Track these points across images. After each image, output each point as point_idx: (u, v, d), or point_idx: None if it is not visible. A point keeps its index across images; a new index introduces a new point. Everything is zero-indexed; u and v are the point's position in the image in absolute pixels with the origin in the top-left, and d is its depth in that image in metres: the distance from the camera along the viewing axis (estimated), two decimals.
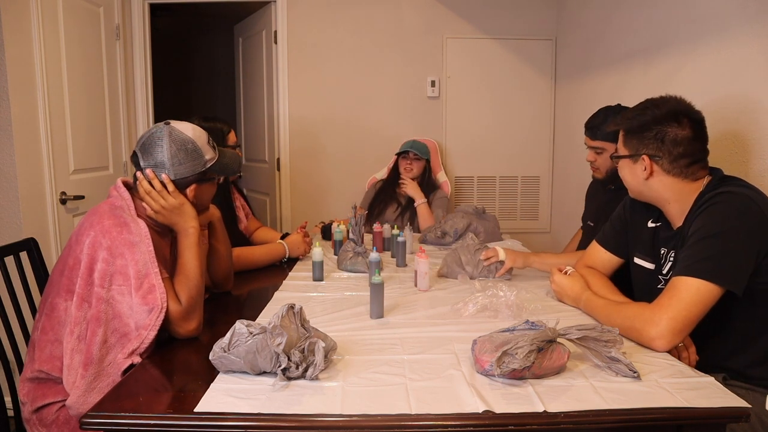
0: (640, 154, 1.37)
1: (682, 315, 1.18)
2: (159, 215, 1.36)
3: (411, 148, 2.88)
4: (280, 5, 3.38)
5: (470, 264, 1.83)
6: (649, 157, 1.36)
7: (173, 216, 1.37)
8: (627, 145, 1.42)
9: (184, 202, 1.37)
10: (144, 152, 1.36)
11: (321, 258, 1.83)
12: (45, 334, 1.30)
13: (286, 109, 3.45)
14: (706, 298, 1.19)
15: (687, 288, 1.20)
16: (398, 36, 3.42)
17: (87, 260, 1.25)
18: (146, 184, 1.35)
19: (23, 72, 2.29)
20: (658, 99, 1.40)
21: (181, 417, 0.94)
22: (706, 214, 1.26)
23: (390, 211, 2.89)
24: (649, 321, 1.21)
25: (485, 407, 0.95)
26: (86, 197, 2.62)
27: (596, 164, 2.00)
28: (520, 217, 3.57)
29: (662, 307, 1.21)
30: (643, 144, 1.37)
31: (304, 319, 1.12)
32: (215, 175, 1.47)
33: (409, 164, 2.89)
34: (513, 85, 3.49)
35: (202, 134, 1.41)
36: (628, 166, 1.42)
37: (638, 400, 0.99)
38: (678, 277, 1.23)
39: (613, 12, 2.68)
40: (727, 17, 1.84)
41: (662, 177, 1.36)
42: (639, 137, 1.38)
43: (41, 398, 1.30)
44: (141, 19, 3.29)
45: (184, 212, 1.37)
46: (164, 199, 1.34)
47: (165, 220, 1.37)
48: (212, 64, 5.40)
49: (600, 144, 1.95)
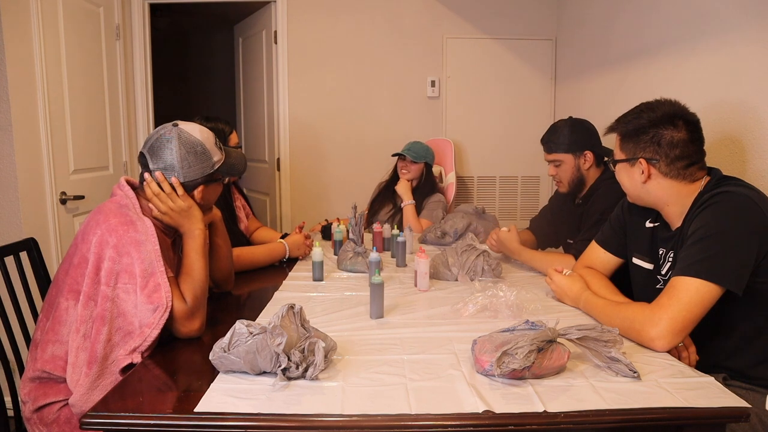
0: (637, 157, 1.38)
1: (682, 315, 1.18)
2: (166, 216, 1.37)
3: (408, 151, 2.84)
4: (280, 5, 3.38)
5: (456, 265, 1.83)
6: (646, 160, 1.36)
7: (181, 218, 1.37)
8: (624, 150, 1.42)
9: (192, 205, 1.38)
10: (153, 154, 1.36)
11: (321, 258, 1.83)
12: (47, 334, 1.30)
13: (286, 109, 3.45)
14: (706, 298, 1.19)
15: (687, 288, 1.20)
16: (398, 36, 3.42)
17: (94, 259, 1.25)
18: (155, 186, 1.35)
19: (23, 72, 2.29)
20: (653, 102, 1.40)
21: (181, 417, 0.94)
22: (706, 214, 1.26)
23: (384, 212, 2.89)
24: (649, 321, 1.21)
25: (485, 407, 0.95)
26: (86, 197, 2.62)
27: (558, 177, 2.03)
28: (520, 217, 3.57)
29: (662, 307, 1.21)
30: (639, 147, 1.37)
31: (304, 319, 1.12)
32: (221, 175, 1.47)
33: (406, 166, 2.86)
34: (513, 85, 3.49)
35: (209, 136, 1.42)
36: (626, 170, 1.43)
37: (638, 400, 0.99)
38: (678, 277, 1.23)
39: (613, 12, 2.68)
40: (727, 17, 1.84)
41: (660, 180, 1.36)
42: (635, 141, 1.38)
43: (42, 397, 1.30)
44: (141, 19, 3.30)
45: (192, 215, 1.38)
46: (173, 202, 1.35)
47: (172, 222, 1.38)
48: (212, 64, 5.40)
49: (557, 157, 2.00)
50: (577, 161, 1.98)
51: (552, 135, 2.02)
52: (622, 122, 1.43)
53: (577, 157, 1.97)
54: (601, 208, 1.85)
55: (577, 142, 1.97)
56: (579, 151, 1.97)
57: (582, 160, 1.97)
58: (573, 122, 2.01)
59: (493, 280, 1.81)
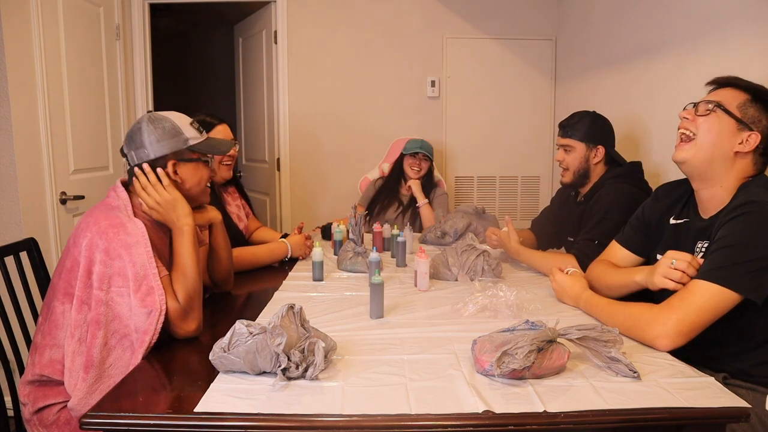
0: (753, 128, 1.27)
1: (691, 318, 1.17)
2: (154, 211, 1.36)
3: (421, 149, 2.88)
4: (280, 5, 3.38)
5: (456, 265, 1.83)
6: (762, 135, 1.27)
7: (167, 212, 1.36)
8: (744, 110, 1.29)
9: (177, 197, 1.37)
10: (128, 141, 1.39)
11: (321, 258, 1.83)
12: (44, 338, 1.30)
13: (286, 109, 3.45)
14: (720, 305, 1.17)
15: (702, 292, 1.18)
16: (398, 36, 3.42)
17: (85, 262, 1.24)
18: (143, 179, 1.35)
19: (23, 72, 2.29)
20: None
21: (181, 417, 0.94)
22: (736, 224, 1.22)
23: (391, 211, 2.89)
24: (656, 320, 1.20)
25: (485, 407, 0.95)
26: (86, 197, 2.62)
27: (565, 164, 2.03)
28: (520, 217, 3.57)
29: (672, 308, 1.20)
30: (762, 120, 1.28)
31: (304, 319, 1.12)
32: (201, 155, 1.44)
33: (418, 164, 2.90)
34: (513, 85, 3.49)
35: (182, 117, 1.42)
36: (728, 128, 1.29)
37: (638, 400, 0.99)
38: (696, 281, 1.21)
39: (613, 12, 2.68)
40: (727, 17, 1.84)
41: (751, 159, 1.29)
42: (764, 110, 1.28)
43: (42, 399, 1.30)
44: (141, 19, 3.30)
45: (178, 208, 1.36)
46: (158, 194, 1.34)
47: (160, 218, 1.37)
48: (212, 64, 5.40)
49: (570, 142, 2.00)
50: (588, 152, 1.99)
51: (572, 120, 2.03)
52: (751, 84, 1.32)
53: (589, 149, 1.98)
54: (604, 207, 1.85)
55: (594, 134, 1.98)
56: (593, 143, 1.98)
57: (593, 153, 1.98)
58: (596, 116, 2.03)
59: (493, 280, 1.81)
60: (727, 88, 1.34)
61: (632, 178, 1.92)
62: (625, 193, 1.84)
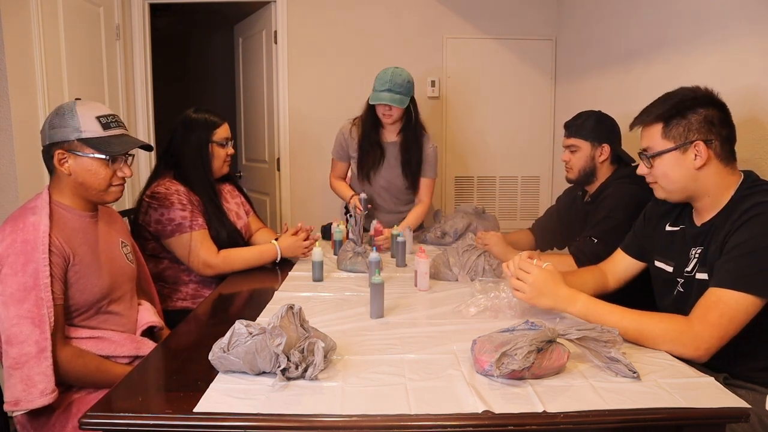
0: (691, 141, 1.27)
1: (730, 334, 1.17)
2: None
3: (389, 101, 2.28)
4: (280, 5, 3.38)
5: (457, 265, 1.82)
6: (704, 142, 1.25)
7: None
8: (669, 136, 1.30)
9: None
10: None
11: (321, 258, 1.83)
12: None
13: (286, 109, 3.45)
14: (751, 312, 1.17)
15: (737, 304, 1.16)
16: (398, 36, 3.42)
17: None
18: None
19: (23, 72, 2.29)
20: (678, 89, 1.33)
21: (181, 417, 0.94)
22: (753, 226, 1.20)
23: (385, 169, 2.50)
24: (699, 337, 1.16)
25: (485, 407, 0.95)
26: None
27: (570, 164, 2.03)
28: (520, 217, 3.57)
29: (713, 326, 1.16)
30: (693, 130, 1.27)
31: (304, 320, 1.12)
32: (97, 151, 1.34)
33: (389, 110, 2.36)
34: (513, 85, 3.49)
35: (94, 109, 1.37)
36: (675, 159, 1.30)
37: (638, 400, 0.99)
38: (727, 291, 1.17)
39: (613, 12, 2.68)
40: (727, 17, 1.84)
41: (715, 164, 1.28)
42: (686, 123, 1.27)
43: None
44: (141, 19, 3.30)
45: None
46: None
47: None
48: (212, 64, 5.40)
49: (575, 142, 2.00)
50: (593, 151, 1.98)
51: (577, 120, 2.02)
52: (658, 108, 1.32)
53: (595, 148, 1.98)
54: (609, 207, 1.85)
55: (599, 133, 1.98)
56: (598, 142, 1.97)
57: (598, 152, 1.98)
58: (600, 115, 2.03)
59: (494, 280, 1.81)
60: (644, 128, 1.36)
61: (639, 178, 1.92)
62: (630, 194, 1.83)
